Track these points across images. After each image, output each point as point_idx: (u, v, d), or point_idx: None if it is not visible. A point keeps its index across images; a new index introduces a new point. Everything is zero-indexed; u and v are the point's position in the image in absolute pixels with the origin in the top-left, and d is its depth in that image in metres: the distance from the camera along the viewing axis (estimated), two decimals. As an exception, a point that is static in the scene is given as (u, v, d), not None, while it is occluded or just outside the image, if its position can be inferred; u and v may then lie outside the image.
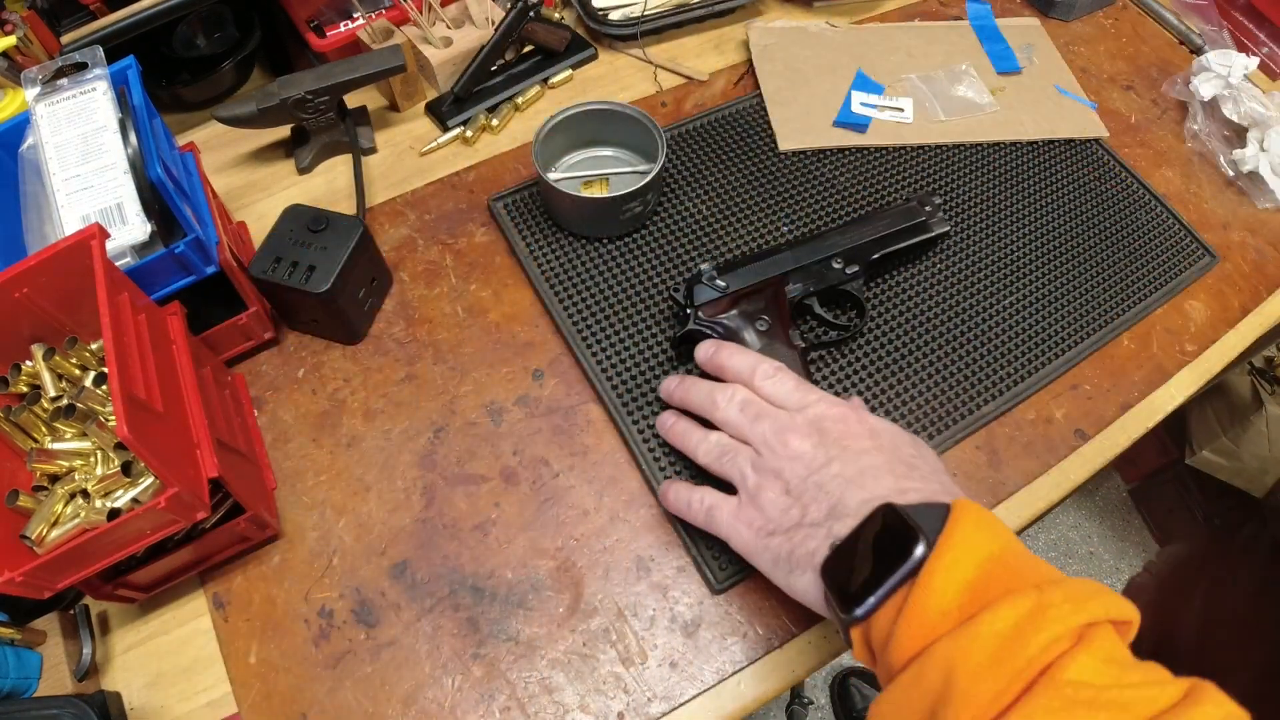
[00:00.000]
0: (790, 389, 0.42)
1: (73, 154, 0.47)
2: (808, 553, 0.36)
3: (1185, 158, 0.72)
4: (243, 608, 0.46)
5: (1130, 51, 0.80)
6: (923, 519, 0.32)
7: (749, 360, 0.45)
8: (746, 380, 0.44)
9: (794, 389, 0.42)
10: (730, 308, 0.52)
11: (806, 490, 0.38)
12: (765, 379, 0.43)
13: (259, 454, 0.51)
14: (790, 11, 0.80)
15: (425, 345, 0.56)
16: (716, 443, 0.43)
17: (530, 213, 0.62)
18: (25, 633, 0.44)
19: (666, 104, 0.71)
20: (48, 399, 0.42)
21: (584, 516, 0.50)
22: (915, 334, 0.58)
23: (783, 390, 0.42)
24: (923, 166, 0.68)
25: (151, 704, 0.44)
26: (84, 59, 0.49)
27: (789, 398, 0.42)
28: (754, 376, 0.44)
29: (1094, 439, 0.55)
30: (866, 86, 0.72)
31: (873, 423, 0.40)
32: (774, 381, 0.43)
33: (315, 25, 0.68)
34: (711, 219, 0.63)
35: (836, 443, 0.38)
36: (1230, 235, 0.67)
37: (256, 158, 0.66)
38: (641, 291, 0.58)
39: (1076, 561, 1.45)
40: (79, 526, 0.39)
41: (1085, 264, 0.63)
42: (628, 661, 0.45)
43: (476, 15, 0.71)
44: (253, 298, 0.52)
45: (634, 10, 0.75)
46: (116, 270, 0.41)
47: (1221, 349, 0.60)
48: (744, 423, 0.42)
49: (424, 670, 0.45)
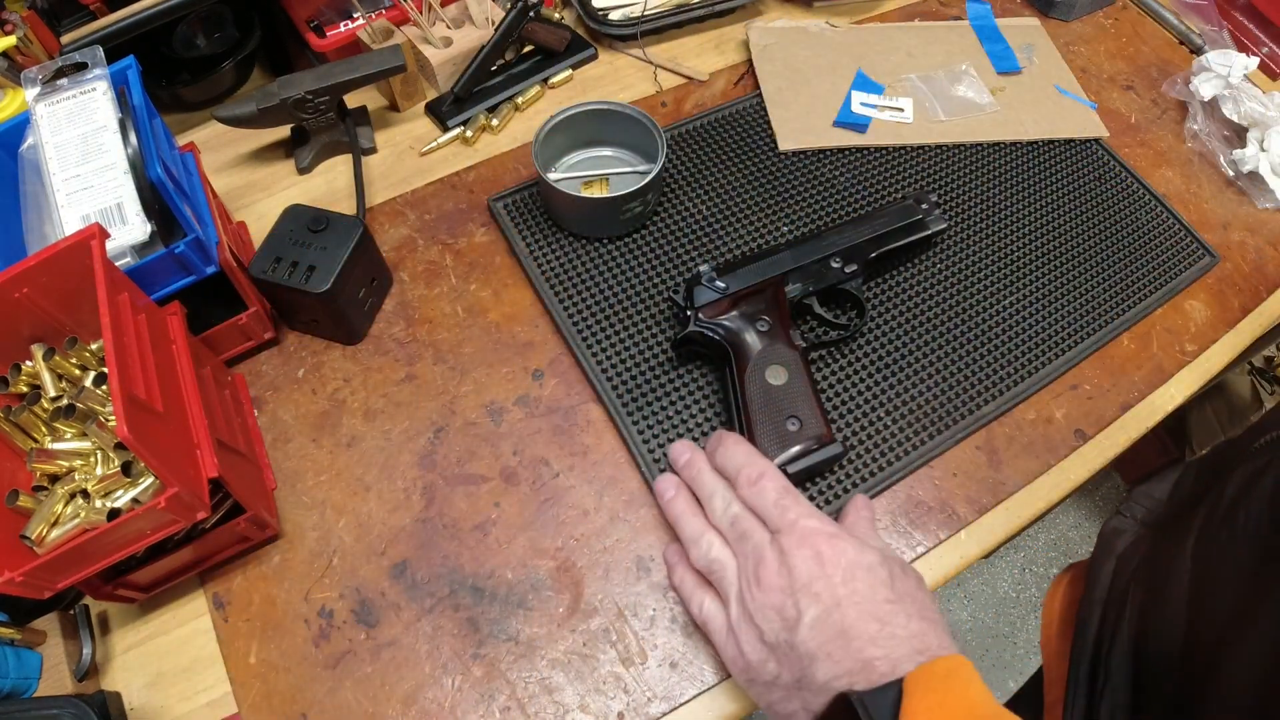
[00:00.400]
0: (770, 502, 0.40)
1: (73, 154, 0.47)
2: (788, 712, 0.37)
3: (1185, 158, 0.72)
4: (243, 608, 0.46)
5: (1130, 51, 0.80)
6: (877, 707, 0.32)
7: (737, 460, 0.43)
8: (732, 481, 0.43)
9: (774, 502, 0.40)
10: (730, 309, 0.52)
11: (779, 648, 0.37)
12: (747, 486, 0.42)
13: (259, 454, 0.51)
14: (790, 11, 0.80)
15: (425, 345, 0.56)
16: (708, 554, 0.42)
17: (530, 213, 0.62)
18: (25, 633, 0.44)
19: (666, 104, 0.71)
20: (48, 399, 0.42)
21: (584, 516, 0.50)
22: (915, 334, 0.58)
23: (763, 503, 0.41)
24: (923, 166, 0.68)
25: (151, 704, 0.44)
26: (84, 59, 0.49)
27: (768, 512, 0.40)
28: (737, 481, 0.42)
29: (1094, 439, 0.55)
30: (866, 86, 0.72)
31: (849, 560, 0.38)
32: (754, 491, 0.41)
33: (315, 25, 0.68)
34: (711, 219, 0.63)
35: (806, 590, 0.37)
36: (1230, 235, 0.67)
37: (256, 158, 0.66)
38: (641, 291, 0.58)
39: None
40: (79, 526, 0.39)
41: (1085, 264, 0.63)
42: (628, 661, 0.45)
43: (476, 15, 0.71)
44: (253, 298, 0.52)
45: (634, 10, 0.75)
46: (116, 270, 0.41)
47: (1221, 349, 0.60)
48: (733, 538, 0.41)
49: (424, 670, 0.45)
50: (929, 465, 0.53)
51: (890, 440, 0.53)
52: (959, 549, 0.50)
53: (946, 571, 0.50)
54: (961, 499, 0.52)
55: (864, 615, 0.36)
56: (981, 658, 1.34)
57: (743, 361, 0.50)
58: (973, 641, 1.36)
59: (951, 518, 0.51)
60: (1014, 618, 1.39)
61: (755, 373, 0.50)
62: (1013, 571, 1.44)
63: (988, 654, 1.35)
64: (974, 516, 0.51)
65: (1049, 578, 1.43)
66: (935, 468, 0.53)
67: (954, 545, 0.50)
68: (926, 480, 0.52)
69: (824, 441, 0.48)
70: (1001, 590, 1.42)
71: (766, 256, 0.55)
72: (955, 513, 0.51)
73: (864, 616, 0.36)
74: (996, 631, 1.37)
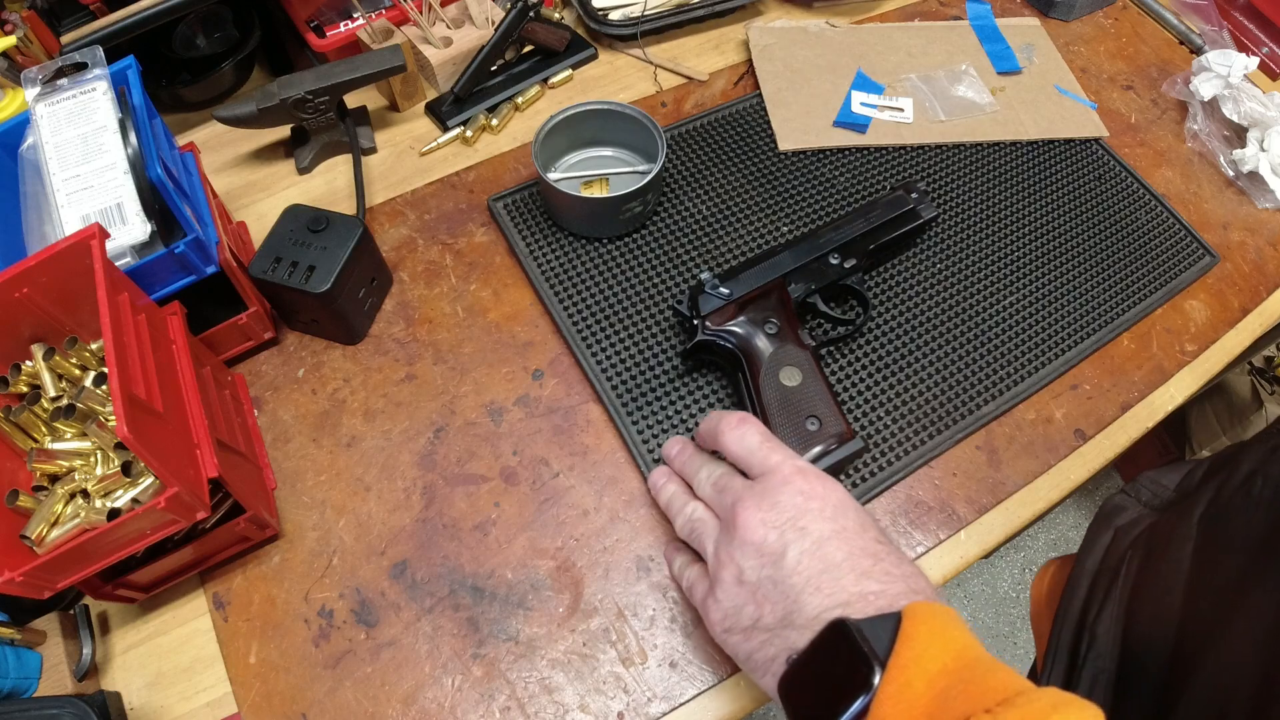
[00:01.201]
0: (754, 445, 0.39)
1: (73, 154, 0.47)
2: (766, 659, 0.35)
3: (1185, 158, 0.72)
4: (243, 608, 0.46)
5: (1130, 51, 0.80)
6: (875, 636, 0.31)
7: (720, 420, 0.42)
8: (716, 438, 0.42)
9: (758, 445, 0.39)
10: (737, 314, 0.52)
11: (761, 586, 0.35)
12: (729, 430, 0.40)
13: (259, 454, 0.51)
14: (790, 11, 0.80)
15: (425, 345, 0.56)
16: (690, 515, 0.41)
17: (530, 213, 0.62)
18: (25, 633, 0.44)
19: (666, 104, 0.71)
20: (48, 399, 0.42)
21: (584, 516, 0.50)
22: (915, 334, 0.58)
23: (745, 447, 0.40)
24: (923, 166, 0.68)
25: (151, 704, 0.44)
26: (84, 59, 0.49)
27: (752, 456, 0.39)
28: (719, 431, 0.41)
29: (1094, 439, 0.55)
30: (866, 86, 0.72)
31: (838, 499, 0.37)
32: (737, 434, 0.40)
33: (315, 25, 0.68)
34: (711, 219, 0.63)
35: (793, 523, 0.35)
36: (1230, 235, 0.67)
37: (256, 158, 0.66)
38: (641, 291, 0.58)
39: (1076, 561, 1.45)
40: (79, 526, 0.39)
41: (1085, 264, 0.63)
42: (628, 661, 0.45)
43: (476, 15, 0.71)
44: (253, 298, 0.52)
45: (634, 10, 0.75)
46: (116, 270, 0.41)
47: (1221, 349, 0.60)
48: (714, 497, 0.40)
49: (424, 670, 0.45)
50: (929, 465, 0.53)
51: (890, 440, 0.53)
52: (959, 549, 0.50)
53: (946, 571, 0.50)
54: (961, 499, 0.52)
55: (855, 550, 0.35)
56: (981, 658, 1.34)
57: (755, 365, 0.50)
58: (973, 641, 1.36)
59: (951, 518, 0.51)
60: (1014, 618, 1.39)
61: (769, 376, 0.50)
62: (1013, 571, 1.44)
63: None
64: (974, 516, 0.51)
65: (1049, 578, 1.43)
66: (935, 468, 0.53)
67: (954, 545, 0.50)
68: (926, 480, 0.52)
69: (845, 438, 0.48)
70: (1001, 590, 1.42)
71: (766, 259, 0.55)
72: (955, 513, 0.51)
73: (856, 552, 0.35)
74: (996, 631, 1.37)
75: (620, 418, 0.53)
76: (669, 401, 0.53)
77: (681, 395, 0.54)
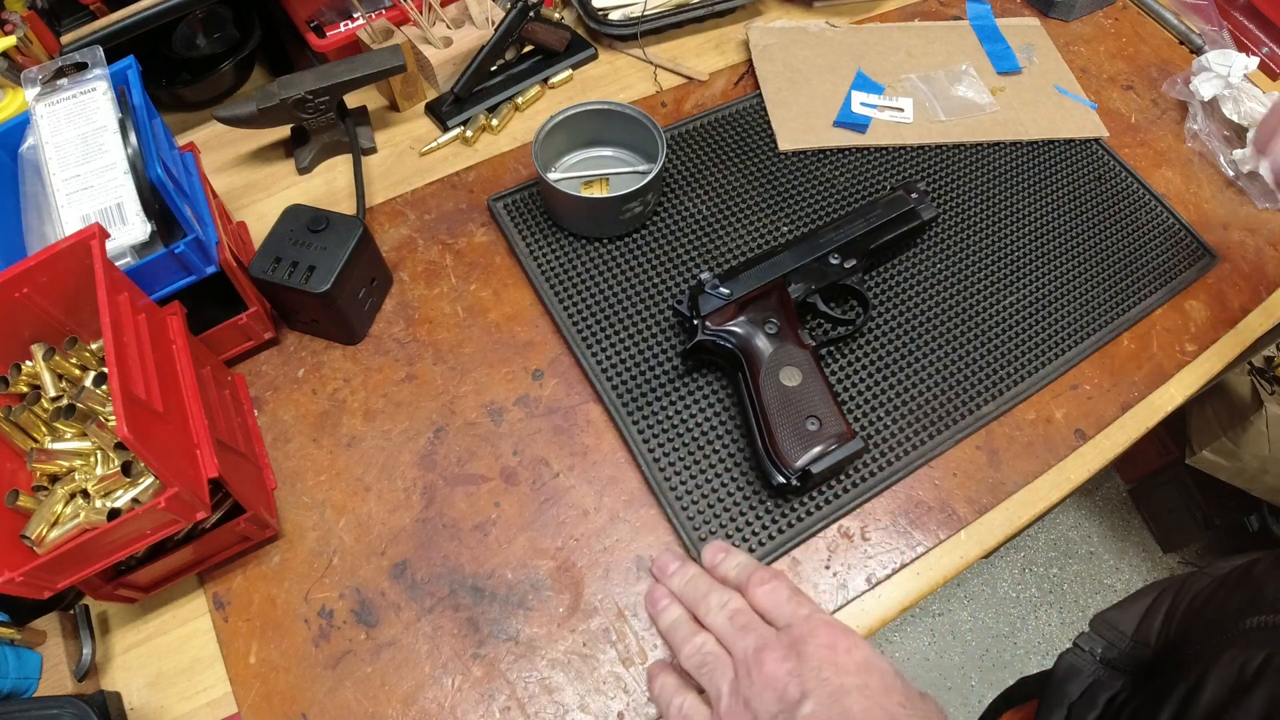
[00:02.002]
0: (784, 599, 0.38)
1: (73, 154, 0.47)
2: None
3: (1185, 158, 0.72)
4: (243, 608, 0.46)
5: (1130, 51, 0.80)
6: None
7: (746, 565, 0.41)
8: (742, 585, 0.41)
9: (787, 599, 0.38)
10: (737, 314, 0.52)
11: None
12: (759, 585, 0.39)
13: (259, 454, 0.51)
14: (790, 11, 0.80)
15: (425, 345, 0.56)
16: (700, 648, 0.39)
17: (530, 213, 0.62)
18: (25, 633, 0.44)
19: (666, 104, 0.71)
20: (48, 399, 0.42)
21: (584, 516, 0.50)
22: (915, 334, 0.58)
23: (775, 600, 0.39)
24: (923, 166, 0.68)
25: (151, 704, 0.44)
26: (84, 59, 0.49)
27: (780, 609, 0.38)
28: (749, 583, 0.40)
29: (1094, 439, 0.55)
30: (866, 86, 0.72)
31: (865, 656, 0.36)
32: (768, 590, 0.39)
33: (315, 25, 0.68)
34: (711, 219, 0.63)
35: (815, 673, 0.34)
36: (1230, 235, 0.67)
37: (256, 158, 0.66)
38: (641, 291, 0.58)
39: (1077, 562, 1.45)
40: (79, 526, 0.39)
41: (1085, 264, 0.63)
42: (628, 661, 0.45)
43: (476, 15, 0.71)
44: (253, 298, 0.52)
45: (634, 10, 0.75)
46: (116, 270, 0.41)
47: (1221, 349, 0.60)
48: (731, 633, 0.39)
49: (424, 670, 0.45)
50: (929, 465, 0.53)
51: (890, 440, 0.53)
52: (959, 549, 0.50)
53: (946, 571, 0.50)
54: (961, 499, 0.52)
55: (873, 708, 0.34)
56: (981, 658, 1.34)
57: (755, 365, 0.50)
58: (973, 641, 1.36)
59: (951, 518, 0.51)
60: (1014, 618, 1.39)
61: (769, 376, 0.50)
62: (1013, 571, 1.44)
63: (988, 654, 1.35)
64: (974, 516, 0.51)
65: (1049, 578, 1.43)
66: (935, 468, 0.53)
67: (954, 545, 0.50)
68: (926, 480, 0.52)
69: (845, 438, 0.48)
70: (1001, 590, 1.42)
71: (766, 259, 0.55)
72: (955, 513, 0.51)
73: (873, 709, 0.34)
74: (996, 631, 1.37)
75: (620, 418, 0.53)
76: (669, 401, 0.53)
77: (681, 395, 0.54)
